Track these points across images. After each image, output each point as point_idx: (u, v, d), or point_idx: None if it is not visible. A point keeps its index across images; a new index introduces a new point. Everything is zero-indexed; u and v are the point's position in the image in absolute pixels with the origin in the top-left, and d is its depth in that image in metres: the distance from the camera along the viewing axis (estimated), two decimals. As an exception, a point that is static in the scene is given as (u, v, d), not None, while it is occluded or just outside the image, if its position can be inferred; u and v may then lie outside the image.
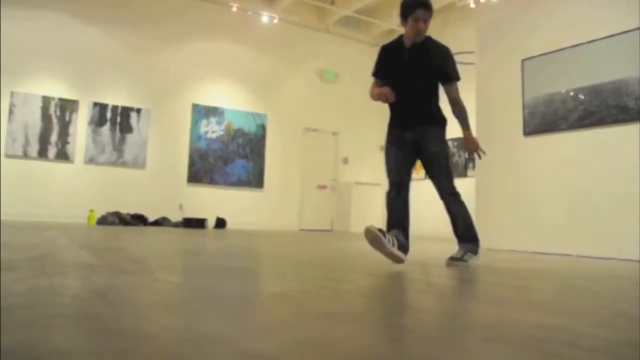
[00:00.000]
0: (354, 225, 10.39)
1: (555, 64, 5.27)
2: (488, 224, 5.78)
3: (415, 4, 2.97)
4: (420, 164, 3.17)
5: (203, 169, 9.86)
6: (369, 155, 11.11)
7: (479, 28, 6.39)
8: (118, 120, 9.18)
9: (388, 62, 3.17)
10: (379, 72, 3.21)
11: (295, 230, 10.09)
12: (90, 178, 8.89)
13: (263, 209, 10.31)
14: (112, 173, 9.08)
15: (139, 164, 9.31)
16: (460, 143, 9.45)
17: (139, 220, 8.70)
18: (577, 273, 3.12)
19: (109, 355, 0.89)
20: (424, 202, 4.92)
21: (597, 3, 5.07)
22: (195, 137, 9.85)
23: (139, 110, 9.37)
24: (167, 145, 9.61)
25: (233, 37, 10.29)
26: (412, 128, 3.09)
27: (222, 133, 10.10)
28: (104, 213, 8.53)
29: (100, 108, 9.06)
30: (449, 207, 3.09)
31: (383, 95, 3.01)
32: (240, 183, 10.20)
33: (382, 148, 3.47)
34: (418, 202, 3.32)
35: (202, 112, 9.95)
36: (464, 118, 3.15)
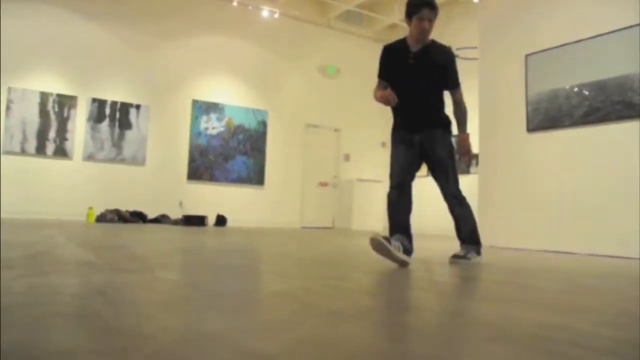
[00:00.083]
0: (356, 223, 10.40)
1: (559, 60, 5.26)
2: (491, 222, 5.79)
3: (421, 3, 2.99)
4: (426, 166, 3.20)
5: (203, 166, 9.87)
6: (371, 152, 11.11)
7: (482, 23, 6.37)
8: (117, 117, 9.18)
9: (392, 63, 3.17)
10: (384, 74, 3.21)
11: (297, 228, 10.10)
12: (89, 175, 8.90)
13: (264, 206, 10.32)
14: (111, 170, 9.08)
15: (139, 161, 9.32)
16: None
17: (138, 218, 8.71)
18: (580, 271, 3.13)
19: (109, 355, 0.90)
20: (426, 199, 4.92)
21: (602, -3, 5.06)
22: (195, 133, 9.85)
23: (139, 107, 9.37)
24: (166, 142, 9.62)
25: (233, 32, 10.28)
26: (419, 131, 3.12)
27: (222, 129, 10.10)
28: (103, 210, 8.54)
29: (99, 104, 9.06)
30: (454, 210, 3.13)
31: (385, 99, 3.03)
32: (241, 180, 10.21)
33: (384, 145, 3.49)
34: (421, 199, 3.32)
35: (202, 108, 9.94)
36: (463, 120, 3.21)
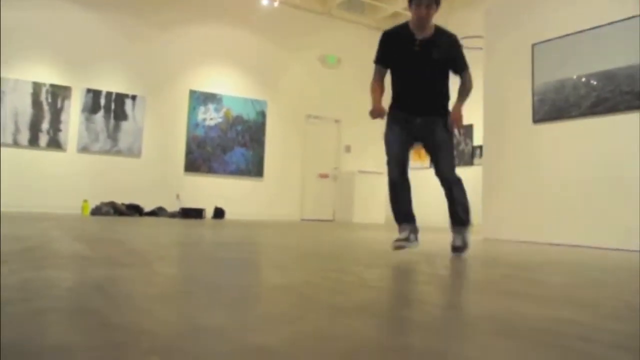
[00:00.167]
0: (357, 216, 10.40)
1: (567, 49, 5.24)
2: (495, 214, 5.79)
3: None
4: (425, 151, 3.27)
5: (201, 158, 9.86)
6: (372, 144, 11.08)
7: (488, 11, 6.34)
8: (112, 108, 9.16)
9: (394, 49, 3.17)
10: (384, 59, 3.22)
11: (296, 221, 10.11)
12: (84, 167, 8.89)
13: (263, 199, 10.33)
14: (106, 162, 9.08)
15: (134, 153, 9.31)
16: (467, 131, 9.43)
17: (135, 211, 8.71)
18: (586, 264, 3.13)
19: (107, 350, 0.90)
20: (429, 191, 4.92)
21: (611, -16, 5.03)
22: (193, 124, 9.83)
23: (134, 97, 9.35)
24: (163, 133, 9.60)
25: (232, 21, 10.23)
26: (421, 115, 3.17)
27: (220, 120, 10.08)
28: (98, 203, 8.55)
29: (94, 95, 9.03)
30: (452, 192, 3.19)
31: (376, 112, 3.21)
32: (239, 172, 10.20)
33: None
34: (424, 192, 3.36)
35: (199, 98, 9.92)
36: (465, 95, 3.25)
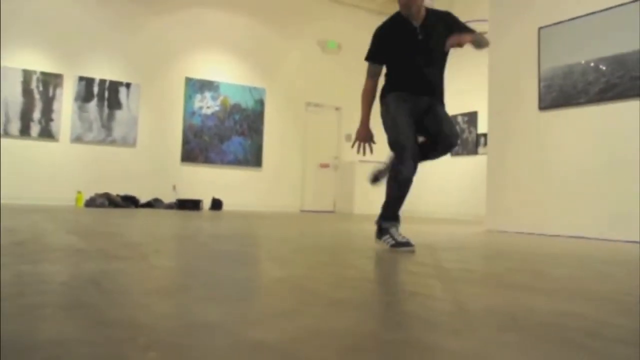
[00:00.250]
0: (358, 207, 10.40)
1: (575, 33, 5.20)
2: (500, 205, 5.79)
3: None
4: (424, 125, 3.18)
5: (198, 147, 9.85)
6: (375, 132, 11.05)
7: (493, -6, 6.28)
8: (106, 96, 9.14)
9: (394, 43, 3.12)
10: (379, 56, 3.18)
11: (296, 212, 10.12)
12: (77, 157, 8.89)
13: (261, 189, 10.34)
14: (100, 152, 9.07)
15: (129, 142, 9.30)
16: (471, 119, 9.40)
17: (130, 202, 8.72)
18: (594, 257, 3.13)
19: (104, 346, 0.90)
20: (422, 183, 4.91)
21: (621, -34, 4.98)
22: (189, 113, 9.81)
23: (129, 85, 9.32)
24: (159, 122, 9.59)
25: (229, 5, 10.16)
26: (428, 95, 3.13)
27: (217, 109, 10.06)
28: (93, 195, 8.55)
29: (87, 82, 9.00)
30: (441, 154, 3.17)
31: (363, 137, 3.46)
32: (237, 162, 10.20)
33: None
34: (417, 183, 3.26)
35: (196, 86, 9.89)
36: (482, 41, 3.04)
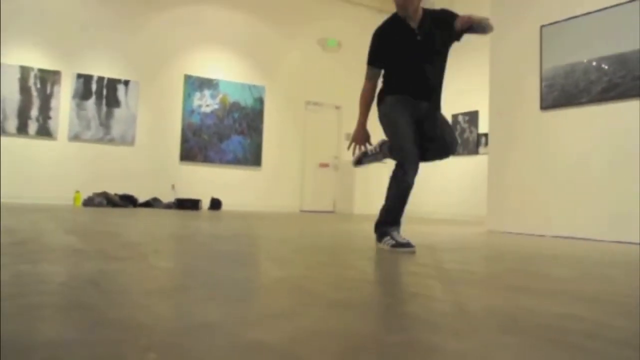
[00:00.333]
0: (358, 207, 10.41)
1: (577, 31, 5.21)
2: (501, 205, 5.80)
3: None
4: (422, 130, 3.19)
5: (196, 146, 9.85)
6: (375, 131, 11.05)
7: (495, -8, 6.29)
8: (104, 93, 9.14)
9: (393, 46, 3.12)
10: (379, 60, 3.18)
11: (296, 212, 10.13)
12: (75, 156, 8.89)
13: (261, 189, 10.34)
14: (98, 150, 9.07)
15: (128, 141, 9.30)
16: (472, 118, 9.41)
17: (128, 202, 8.73)
18: (594, 258, 3.14)
19: (104, 347, 0.91)
20: (423, 184, 4.92)
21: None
22: (188, 111, 9.81)
23: (127, 82, 9.32)
24: (157, 121, 9.59)
25: (229, 2, 10.16)
26: (427, 100, 3.14)
27: (216, 107, 10.06)
28: (91, 194, 8.55)
29: (85, 80, 9.01)
30: (439, 159, 3.23)
31: (359, 139, 3.49)
32: (237, 161, 10.20)
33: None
34: (418, 184, 3.24)
35: (195, 84, 9.89)
36: (486, 26, 3.04)
